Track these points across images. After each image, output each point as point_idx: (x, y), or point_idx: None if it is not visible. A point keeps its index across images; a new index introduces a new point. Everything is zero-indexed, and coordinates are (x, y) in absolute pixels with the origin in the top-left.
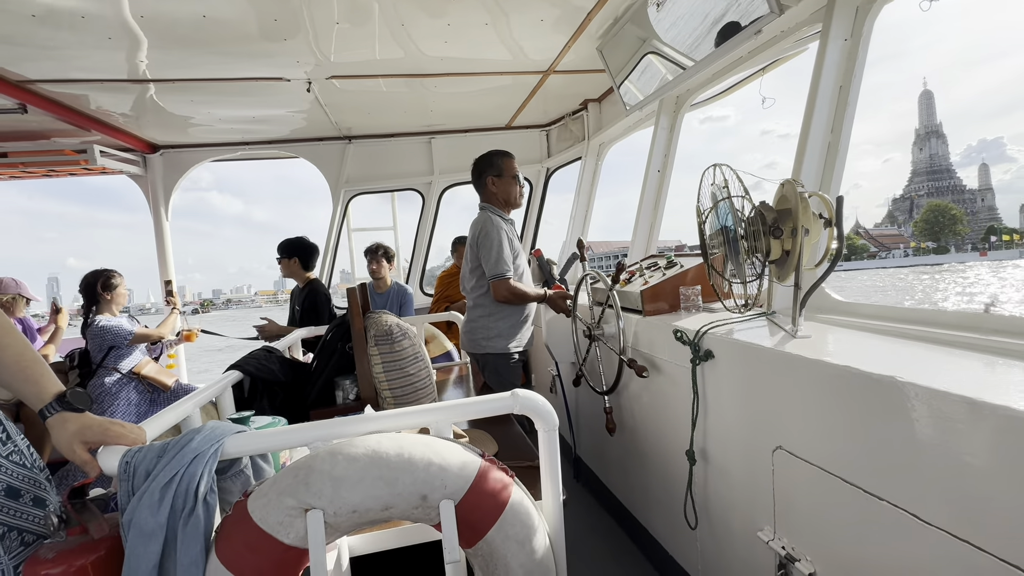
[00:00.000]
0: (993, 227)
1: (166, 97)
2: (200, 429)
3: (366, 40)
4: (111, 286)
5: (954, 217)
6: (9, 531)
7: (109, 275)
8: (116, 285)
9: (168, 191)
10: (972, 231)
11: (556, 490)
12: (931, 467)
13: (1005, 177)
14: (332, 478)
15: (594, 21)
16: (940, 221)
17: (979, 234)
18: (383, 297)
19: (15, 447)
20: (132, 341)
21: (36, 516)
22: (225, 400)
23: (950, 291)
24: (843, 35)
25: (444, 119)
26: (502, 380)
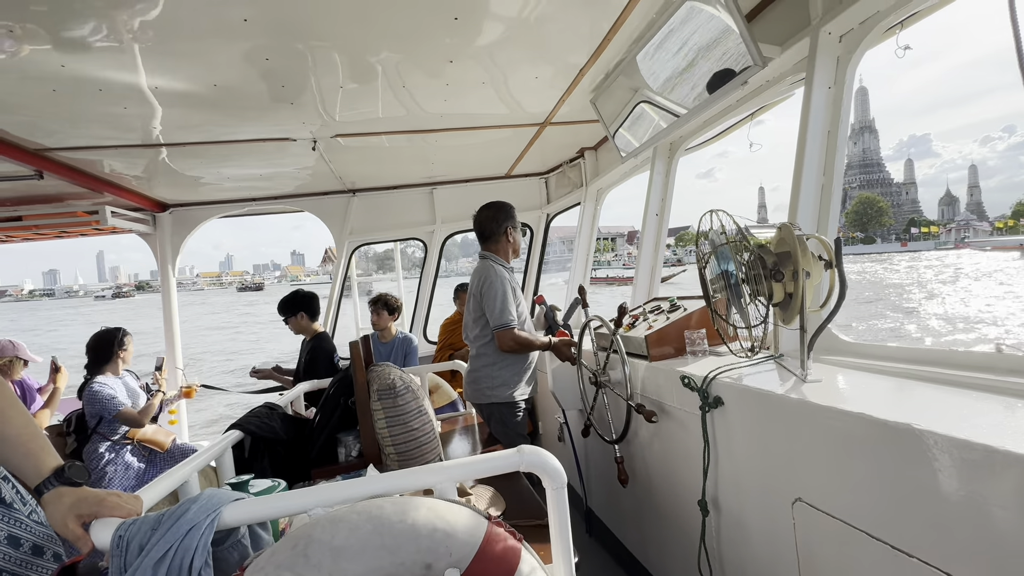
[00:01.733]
0: (914, 219)
1: (177, 159)
2: (197, 498)
3: (369, 100)
4: (124, 344)
5: (881, 209)
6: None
7: (124, 332)
8: (127, 344)
9: (176, 248)
10: (896, 223)
11: (567, 554)
12: (959, 520)
13: (930, 171)
14: (332, 548)
15: (587, 76)
16: (868, 213)
17: (902, 226)
18: (387, 347)
19: (33, 507)
20: (116, 417)
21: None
22: (225, 462)
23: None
24: (827, 83)
25: (445, 170)
26: (508, 430)
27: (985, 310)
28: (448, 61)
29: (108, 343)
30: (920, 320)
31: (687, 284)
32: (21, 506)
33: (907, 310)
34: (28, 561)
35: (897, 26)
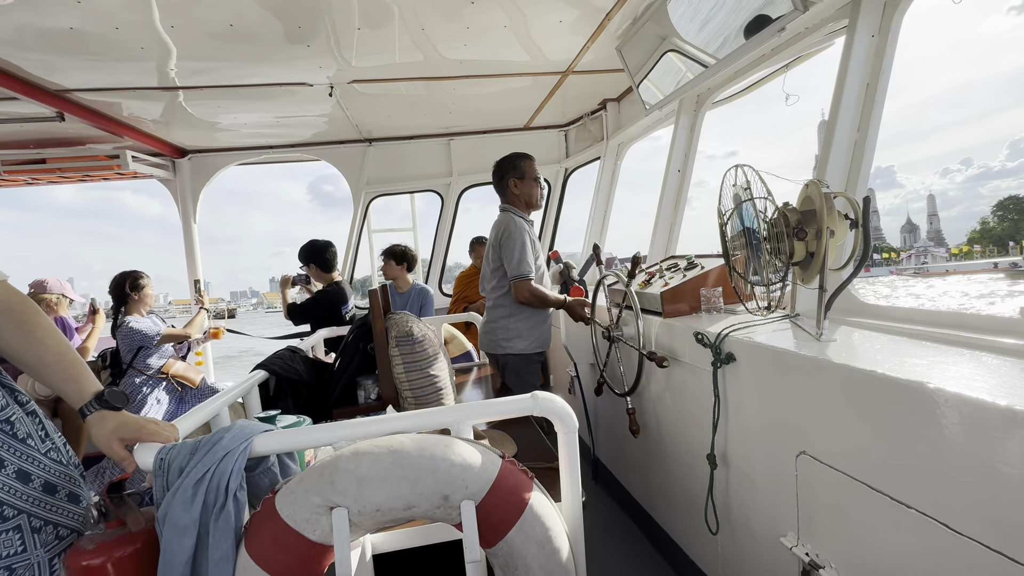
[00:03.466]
0: (876, 246)
1: (194, 103)
2: (230, 428)
3: (386, 44)
4: (139, 287)
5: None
6: (45, 525)
7: (137, 276)
8: (143, 286)
9: (196, 194)
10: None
11: (576, 492)
12: (962, 475)
13: (895, 201)
14: (356, 477)
15: (613, 21)
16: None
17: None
18: (404, 298)
19: (52, 444)
20: (160, 341)
21: (71, 511)
22: (252, 399)
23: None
24: (870, 31)
25: (463, 120)
26: (521, 381)
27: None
28: (469, 2)
29: (120, 286)
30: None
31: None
32: (39, 442)
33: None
34: (38, 498)
35: None
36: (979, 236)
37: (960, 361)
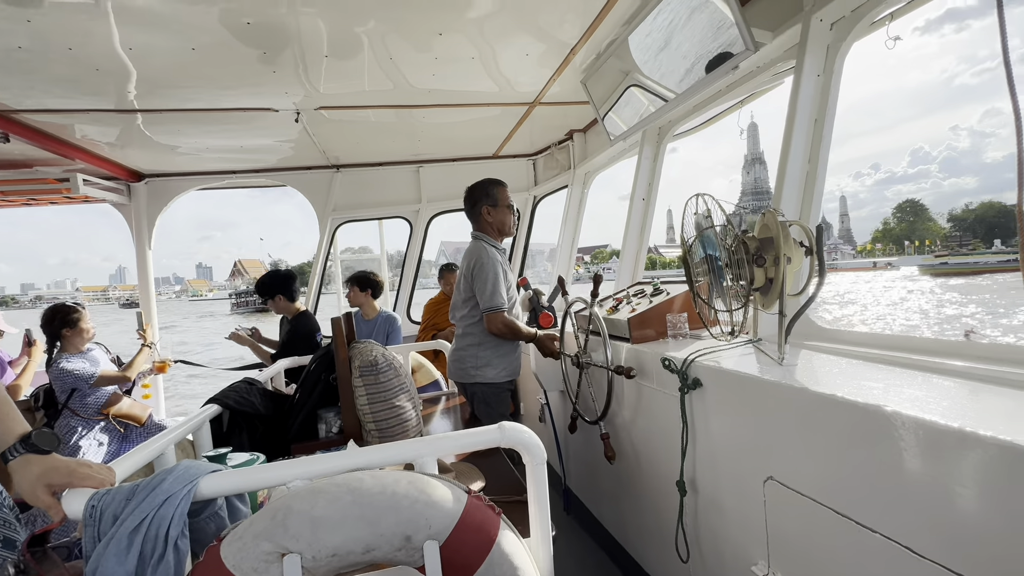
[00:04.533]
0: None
1: (153, 127)
2: (173, 469)
3: (355, 72)
4: (71, 322)
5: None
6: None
7: (68, 311)
8: (76, 320)
9: (152, 219)
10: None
11: (545, 527)
12: (922, 498)
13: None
14: (312, 519)
15: (578, 55)
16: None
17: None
18: (370, 325)
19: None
20: (95, 384)
21: (5, 558)
22: (202, 436)
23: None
24: (816, 71)
25: (432, 148)
26: (491, 410)
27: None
28: (437, 34)
29: (50, 323)
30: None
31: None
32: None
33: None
34: None
35: (887, 17)
36: (881, 235)
37: (913, 383)
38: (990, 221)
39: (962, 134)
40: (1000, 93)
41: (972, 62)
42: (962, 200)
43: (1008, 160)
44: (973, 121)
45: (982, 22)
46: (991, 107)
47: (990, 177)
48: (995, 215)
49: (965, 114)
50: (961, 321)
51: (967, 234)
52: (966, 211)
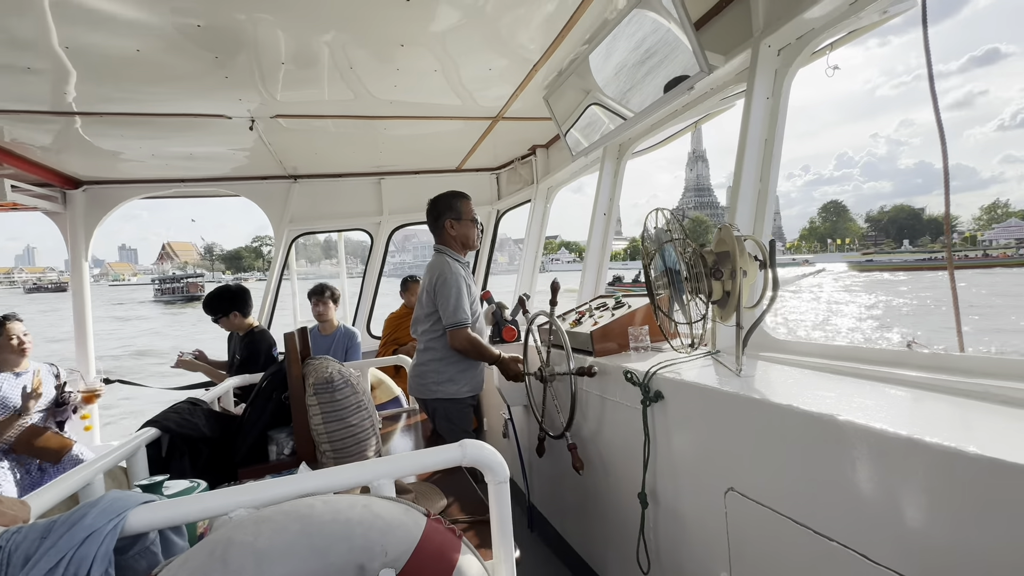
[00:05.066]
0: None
1: (94, 131)
2: (97, 502)
3: (314, 81)
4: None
5: (707, 227)
6: None
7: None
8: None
9: (89, 230)
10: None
11: (508, 548)
12: (875, 505)
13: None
14: (255, 552)
15: (540, 72)
16: (697, 230)
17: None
18: (328, 340)
19: None
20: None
21: None
22: (137, 463)
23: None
24: (765, 94)
25: (394, 160)
26: (453, 427)
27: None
28: (399, 45)
29: None
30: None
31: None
32: None
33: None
34: None
35: (827, 47)
36: (808, 233)
37: (863, 393)
38: (901, 222)
39: (881, 141)
40: (914, 105)
41: (891, 75)
42: (879, 202)
43: (918, 167)
44: (890, 130)
45: (901, 39)
46: (906, 118)
47: (903, 182)
48: (905, 217)
49: (884, 123)
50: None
51: (881, 234)
52: (881, 212)
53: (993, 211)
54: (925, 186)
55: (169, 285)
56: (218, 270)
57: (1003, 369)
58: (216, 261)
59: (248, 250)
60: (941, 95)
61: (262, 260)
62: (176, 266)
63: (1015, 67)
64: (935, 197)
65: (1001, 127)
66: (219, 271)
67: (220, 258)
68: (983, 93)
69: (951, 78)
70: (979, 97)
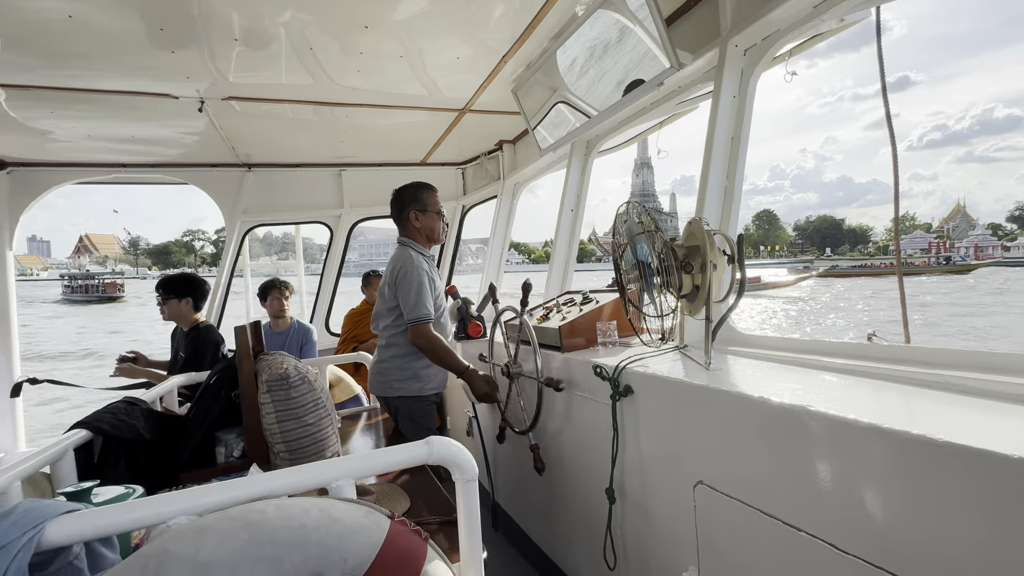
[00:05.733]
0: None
1: (19, 106)
2: (8, 513)
3: (270, 62)
4: None
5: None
6: None
7: None
8: None
9: (15, 215)
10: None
11: (476, 549)
12: (841, 495)
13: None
14: (195, 565)
15: (509, 64)
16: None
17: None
18: (281, 337)
19: None
20: None
21: None
22: (64, 468)
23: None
24: (732, 92)
25: (356, 151)
26: (417, 426)
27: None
28: (363, 27)
29: None
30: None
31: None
32: None
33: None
34: None
35: (786, 54)
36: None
37: (827, 384)
38: (824, 232)
39: (808, 156)
40: (837, 123)
41: (818, 95)
42: (805, 213)
43: (840, 181)
44: (816, 146)
45: (827, 62)
46: (830, 135)
47: (828, 195)
48: (828, 227)
49: (811, 139)
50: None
51: (807, 242)
52: (807, 222)
53: (902, 223)
54: (846, 199)
55: (81, 283)
56: (143, 265)
57: (954, 360)
58: (141, 256)
59: (178, 244)
60: (860, 116)
61: (194, 256)
62: (94, 260)
63: (921, 94)
64: (854, 209)
65: (910, 147)
66: (144, 266)
67: (146, 252)
68: (896, 115)
69: (867, 100)
70: (893, 119)
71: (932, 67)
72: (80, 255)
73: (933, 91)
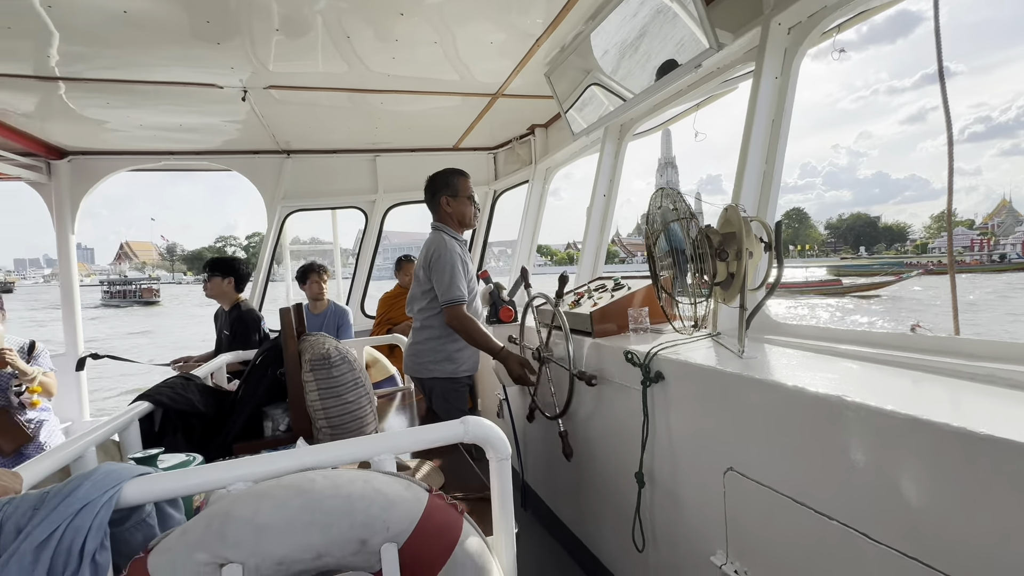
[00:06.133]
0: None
1: (78, 98)
2: (91, 473)
3: (308, 51)
4: None
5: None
6: None
7: None
8: None
9: (75, 202)
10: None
11: (509, 525)
12: (877, 485)
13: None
14: (254, 526)
15: (542, 48)
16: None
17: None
18: (319, 318)
19: None
20: None
21: None
22: (130, 436)
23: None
24: (774, 73)
25: (390, 137)
26: (449, 406)
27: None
28: (399, 14)
29: None
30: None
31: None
32: None
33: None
34: None
35: (834, 29)
36: None
37: (865, 375)
38: (858, 230)
39: (841, 152)
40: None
41: (851, 89)
42: (838, 211)
43: (876, 177)
44: (850, 141)
45: (861, 55)
46: (864, 130)
47: (863, 192)
48: (862, 225)
49: (844, 135)
50: None
51: (840, 241)
52: (839, 220)
53: (942, 220)
54: (882, 195)
55: (120, 288)
56: (179, 271)
57: (1001, 352)
58: (177, 262)
59: (211, 250)
60: (895, 110)
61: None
62: (134, 267)
63: (962, 85)
64: (891, 206)
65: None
66: (180, 272)
67: (181, 259)
68: (934, 108)
69: (905, 93)
70: (931, 112)
71: (973, 57)
72: (121, 261)
73: (975, 81)
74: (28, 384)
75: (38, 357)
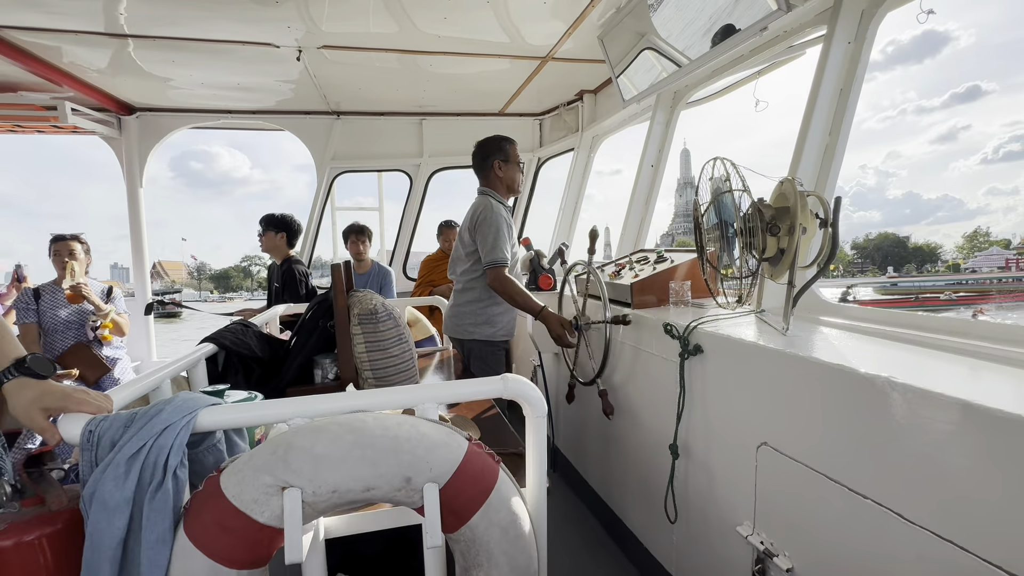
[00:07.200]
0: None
1: (145, 55)
2: (171, 400)
3: (359, 10)
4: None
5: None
6: None
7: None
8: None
9: (144, 156)
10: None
11: (541, 478)
12: (918, 467)
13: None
14: (313, 456)
15: (596, 9)
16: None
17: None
18: (363, 277)
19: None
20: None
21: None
22: (198, 374)
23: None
24: (847, 38)
25: (436, 100)
26: (486, 367)
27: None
28: None
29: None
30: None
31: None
32: None
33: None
34: None
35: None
36: None
37: (915, 357)
38: (885, 250)
39: (869, 172)
40: (899, 138)
41: (877, 109)
42: (865, 231)
43: (907, 197)
44: (878, 161)
45: (887, 75)
46: (892, 150)
47: (892, 212)
48: (890, 245)
49: (871, 155)
50: None
51: (867, 261)
52: (867, 240)
53: (975, 239)
54: (913, 216)
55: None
56: (206, 289)
57: None
58: (204, 280)
59: (237, 269)
60: (924, 130)
61: (251, 279)
62: (165, 284)
63: (995, 103)
64: (923, 227)
65: (984, 160)
66: (207, 290)
67: (208, 277)
68: (966, 128)
69: (934, 113)
70: (962, 132)
71: (1005, 75)
72: (154, 280)
73: (1008, 100)
74: (102, 320)
75: (115, 300)
